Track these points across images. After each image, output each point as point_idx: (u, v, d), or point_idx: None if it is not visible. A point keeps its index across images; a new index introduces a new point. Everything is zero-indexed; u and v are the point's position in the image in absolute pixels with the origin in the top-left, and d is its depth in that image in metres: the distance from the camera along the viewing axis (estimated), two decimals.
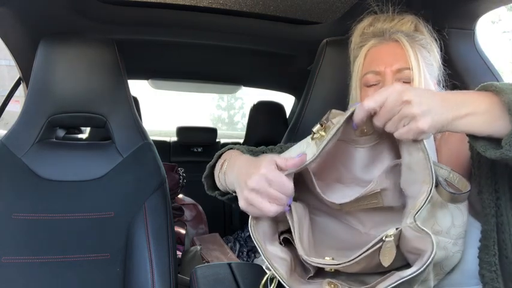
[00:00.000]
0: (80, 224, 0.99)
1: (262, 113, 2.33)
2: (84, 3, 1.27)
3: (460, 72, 1.06)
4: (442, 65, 0.79)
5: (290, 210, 0.59)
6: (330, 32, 1.35)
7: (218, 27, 1.48)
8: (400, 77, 0.72)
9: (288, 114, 2.35)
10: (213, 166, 0.78)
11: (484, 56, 1.07)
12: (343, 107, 1.01)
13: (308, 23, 1.44)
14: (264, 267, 0.64)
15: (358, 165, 0.64)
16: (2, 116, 1.55)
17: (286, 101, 2.38)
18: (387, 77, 0.72)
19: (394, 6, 0.81)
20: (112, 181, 1.03)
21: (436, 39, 0.79)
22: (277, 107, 2.32)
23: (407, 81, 0.72)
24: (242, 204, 0.58)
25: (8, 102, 1.60)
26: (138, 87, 2.25)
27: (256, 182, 0.55)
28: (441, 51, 0.80)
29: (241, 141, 2.48)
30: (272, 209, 0.56)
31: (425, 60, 0.75)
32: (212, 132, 2.48)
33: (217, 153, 0.78)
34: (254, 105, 2.36)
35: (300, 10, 1.34)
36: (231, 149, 0.78)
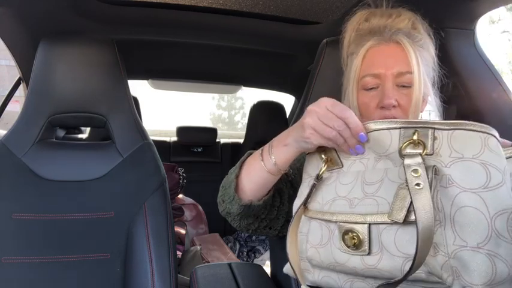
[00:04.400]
0: (80, 224, 0.99)
1: (262, 113, 2.33)
2: (84, 3, 1.27)
3: (460, 72, 1.06)
4: (437, 64, 0.77)
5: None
6: (330, 32, 1.35)
7: (218, 27, 1.48)
8: (401, 81, 0.70)
9: (288, 114, 2.36)
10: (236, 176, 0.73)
11: (484, 56, 1.07)
12: None
13: (308, 23, 1.44)
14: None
15: None
16: (2, 116, 1.55)
17: (286, 101, 2.38)
18: (387, 81, 0.69)
19: (389, 1, 0.78)
20: (112, 181, 1.03)
21: (431, 37, 0.76)
22: (277, 107, 2.32)
23: (408, 86, 0.69)
24: (307, 134, 0.60)
25: (8, 102, 1.60)
26: (138, 87, 2.26)
27: (318, 107, 0.59)
28: (436, 49, 0.77)
29: (241, 141, 2.48)
30: (332, 134, 0.59)
31: (424, 62, 0.72)
32: (212, 132, 2.48)
33: (240, 161, 0.74)
34: (254, 105, 2.36)
35: (300, 10, 1.34)
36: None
